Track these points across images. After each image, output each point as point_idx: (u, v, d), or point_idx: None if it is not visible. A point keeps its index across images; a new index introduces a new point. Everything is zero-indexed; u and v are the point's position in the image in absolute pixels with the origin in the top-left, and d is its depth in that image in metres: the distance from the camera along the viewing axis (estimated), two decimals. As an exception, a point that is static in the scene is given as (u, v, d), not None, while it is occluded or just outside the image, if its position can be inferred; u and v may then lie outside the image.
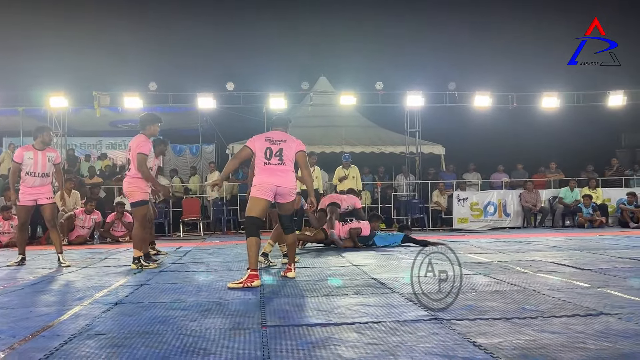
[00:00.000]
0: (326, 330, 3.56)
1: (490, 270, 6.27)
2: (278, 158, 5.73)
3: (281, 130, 6.06)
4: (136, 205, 7.12)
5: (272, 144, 5.80)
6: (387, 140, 17.36)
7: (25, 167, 7.56)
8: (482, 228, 14.33)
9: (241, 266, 7.12)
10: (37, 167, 7.58)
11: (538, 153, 18.52)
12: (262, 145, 5.78)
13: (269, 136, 5.90)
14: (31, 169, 7.56)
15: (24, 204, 7.71)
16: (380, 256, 8.02)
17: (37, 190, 7.64)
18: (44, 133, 7.76)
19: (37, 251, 9.98)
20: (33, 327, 3.82)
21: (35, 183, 7.61)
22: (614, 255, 7.52)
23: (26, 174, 7.58)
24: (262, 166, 5.74)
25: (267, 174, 5.71)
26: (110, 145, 18.90)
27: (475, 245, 9.49)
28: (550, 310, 4.02)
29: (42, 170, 7.62)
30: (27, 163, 7.55)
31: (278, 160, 5.74)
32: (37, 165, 7.58)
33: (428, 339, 3.32)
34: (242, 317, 4.02)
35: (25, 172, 7.57)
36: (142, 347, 3.24)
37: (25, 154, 7.58)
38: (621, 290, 4.81)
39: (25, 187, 7.63)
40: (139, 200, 7.10)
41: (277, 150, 5.76)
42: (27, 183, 7.61)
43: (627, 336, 3.29)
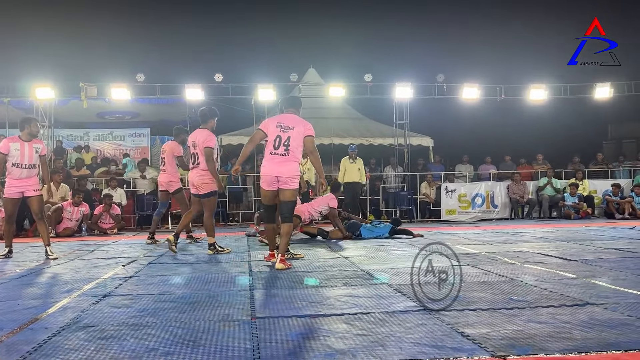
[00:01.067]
0: (315, 322, 3.58)
1: (478, 261, 6.31)
2: (284, 148, 5.97)
3: (292, 112, 6.31)
4: (207, 195, 7.57)
5: (282, 131, 6.02)
6: (376, 132, 17.37)
7: (11, 159, 7.47)
8: (470, 219, 14.41)
9: (230, 258, 7.13)
10: (24, 158, 7.49)
11: (526, 145, 18.61)
12: (273, 131, 6.04)
13: (280, 121, 6.12)
14: (18, 160, 7.48)
15: (11, 196, 7.62)
16: (369, 248, 8.05)
17: (24, 182, 7.56)
18: (31, 124, 7.68)
19: (24, 244, 9.92)
20: (21, 319, 3.80)
21: (22, 175, 7.53)
22: (600, 246, 7.60)
23: (12, 166, 7.49)
24: (268, 155, 6.07)
25: (271, 163, 6.04)
26: (97, 136, 18.72)
27: (463, 237, 9.55)
28: (537, 301, 4.07)
29: (28, 161, 7.54)
30: (13, 154, 7.46)
31: (284, 149, 5.98)
32: (24, 156, 7.49)
33: (417, 329, 3.35)
34: (231, 308, 4.03)
35: (11, 163, 7.48)
36: (132, 339, 3.24)
37: (12, 145, 7.49)
38: (607, 280, 4.87)
39: (12, 179, 7.55)
40: (211, 191, 7.54)
41: (285, 139, 5.99)
42: (14, 175, 7.53)
43: (613, 326, 3.34)
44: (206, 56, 22.61)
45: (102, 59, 20.91)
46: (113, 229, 12.20)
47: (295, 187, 6.11)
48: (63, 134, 17.99)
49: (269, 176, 6.02)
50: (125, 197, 13.59)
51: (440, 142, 17.64)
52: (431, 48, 23.69)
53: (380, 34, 24.98)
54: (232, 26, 25.88)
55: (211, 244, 7.68)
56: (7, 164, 7.52)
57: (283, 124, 6.07)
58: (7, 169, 7.55)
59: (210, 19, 24.97)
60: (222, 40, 24.63)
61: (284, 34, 24.64)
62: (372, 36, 24.94)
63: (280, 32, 24.63)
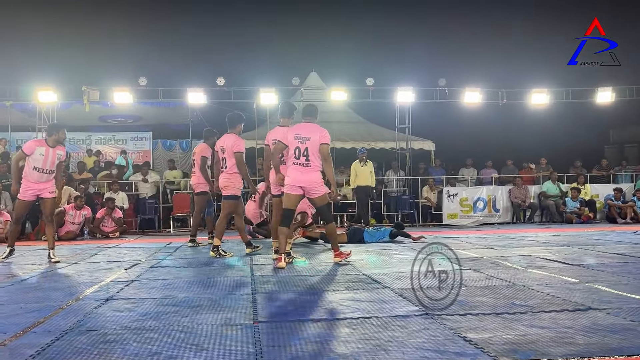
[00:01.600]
0: (318, 326, 3.58)
1: (480, 265, 6.31)
2: (305, 158, 6.38)
3: (309, 120, 6.67)
4: (228, 198, 7.72)
5: (300, 142, 6.42)
6: (378, 136, 17.39)
7: (33, 162, 7.35)
8: (471, 224, 14.40)
9: (232, 261, 7.14)
10: (46, 164, 7.39)
11: (527, 149, 18.61)
12: (292, 142, 6.45)
13: (298, 132, 6.49)
14: (39, 165, 7.36)
15: (25, 199, 7.52)
16: (371, 252, 8.05)
17: (41, 185, 7.46)
18: (60, 131, 7.59)
19: (26, 247, 9.93)
20: (24, 323, 3.80)
21: (41, 179, 7.42)
22: (602, 251, 7.59)
23: (33, 169, 7.37)
24: (291, 165, 6.48)
25: (294, 173, 6.44)
26: (99, 140, 18.75)
27: (465, 241, 9.55)
28: (539, 306, 4.07)
29: (50, 167, 7.44)
30: (36, 158, 7.34)
31: (305, 160, 6.39)
32: (47, 162, 7.39)
33: (419, 334, 3.35)
34: (233, 312, 4.03)
35: (32, 166, 7.36)
36: (134, 342, 3.25)
37: (38, 148, 7.36)
38: (609, 285, 4.86)
39: (29, 181, 7.43)
40: (232, 194, 7.70)
41: (304, 150, 6.39)
42: (32, 178, 7.41)
43: (615, 331, 3.34)
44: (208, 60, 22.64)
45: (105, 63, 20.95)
46: (115, 232, 12.21)
47: (321, 192, 6.51)
48: (65, 137, 18.00)
49: (295, 183, 6.45)
50: (127, 200, 13.60)
51: (441, 146, 17.64)
52: (433, 52, 23.71)
53: (382, 38, 25.00)
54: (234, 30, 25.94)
55: (215, 247, 7.69)
56: (27, 167, 7.40)
57: (300, 135, 6.43)
58: (24, 170, 7.43)
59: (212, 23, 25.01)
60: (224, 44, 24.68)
61: (286, 38, 24.68)
62: (374, 40, 24.96)
63: (282, 36, 24.67)
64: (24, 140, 17.63)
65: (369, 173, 13.27)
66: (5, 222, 11.46)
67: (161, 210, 14.30)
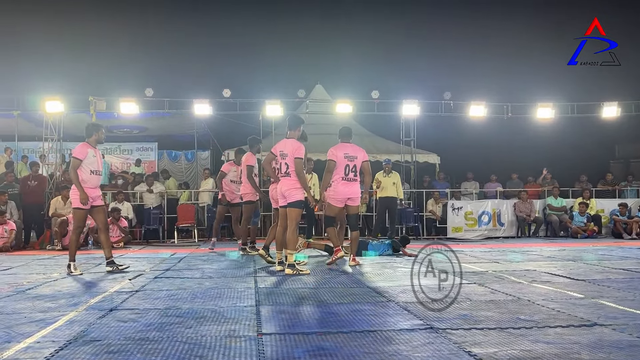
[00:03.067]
0: (322, 339, 3.57)
1: (485, 279, 6.29)
2: (353, 174, 7.71)
3: (351, 141, 7.99)
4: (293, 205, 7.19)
5: (350, 160, 7.67)
6: (383, 148, 17.38)
7: (89, 165, 7.11)
8: (476, 237, 14.35)
9: (235, 273, 7.13)
10: (99, 164, 7.23)
11: (533, 163, 18.57)
12: (342, 161, 7.65)
13: (347, 152, 7.71)
14: (95, 167, 7.15)
15: (86, 207, 7.18)
16: (375, 265, 8.03)
17: (96, 192, 7.27)
18: (99, 131, 7.39)
19: (31, 256, 9.95)
20: (28, 332, 3.81)
21: (98, 183, 7.26)
22: (608, 266, 7.55)
23: (90, 173, 7.12)
24: (340, 180, 7.65)
25: (342, 186, 7.68)
26: (106, 150, 18.82)
27: (469, 255, 9.52)
28: (544, 321, 4.05)
29: (100, 167, 7.29)
30: (91, 161, 7.12)
31: (353, 175, 7.71)
32: (98, 162, 7.24)
33: (423, 348, 3.33)
34: (237, 324, 4.02)
35: (89, 170, 7.12)
36: (138, 353, 3.24)
37: (89, 150, 7.15)
38: (615, 301, 4.84)
39: (88, 188, 7.11)
40: (298, 200, 7.15)
41: (352, 167, 7.67)
42: (91, 183, 7.14)
43: (621, 347, 3.31)
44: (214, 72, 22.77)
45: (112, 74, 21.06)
46: (120, 242, 12.22)
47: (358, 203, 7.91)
48: (71, 147, 18.08)
49: (341, 197, 7.68)
50: (132, 210, 13.63)
51: (446, 160, 17.62)
52: (438, 66, 23.77)
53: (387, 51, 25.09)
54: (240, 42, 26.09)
55: (291, 264, 7.01)
56: (83, 173, 7.10)
57: (349, 154, 7.69)
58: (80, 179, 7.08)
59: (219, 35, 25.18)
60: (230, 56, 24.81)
61: (291, 51, 24.81)
62: (379, 53, 25.06)
63: (288, 49, 24.80)
64: (31, 149, 17.86)
65: (393, 184, 12.70)
66: (11, 231, 11.50)
67: (166, 220, 14.31)
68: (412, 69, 23.91)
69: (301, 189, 7.16)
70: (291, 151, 7.20)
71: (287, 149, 7.22)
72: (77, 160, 7.13)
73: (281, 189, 7.23)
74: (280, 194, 7.29)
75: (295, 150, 7.19)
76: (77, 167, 7.10)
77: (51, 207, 12.54)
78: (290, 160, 7.17)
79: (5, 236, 11.36)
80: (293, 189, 7.13)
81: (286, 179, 7.18)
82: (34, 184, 13.24)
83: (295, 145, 7.22)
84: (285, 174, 7.17)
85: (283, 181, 7.23)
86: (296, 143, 7.27)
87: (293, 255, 7.11)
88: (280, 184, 7.28)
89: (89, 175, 7.16)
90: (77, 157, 7.13)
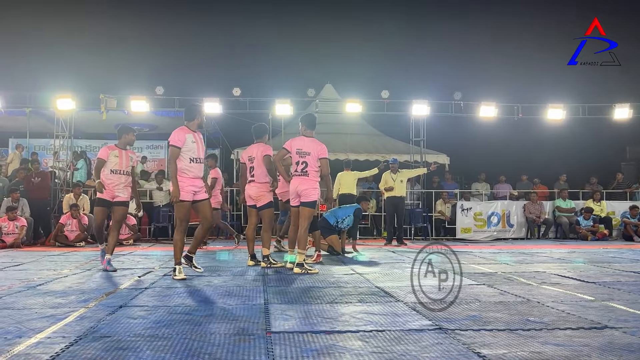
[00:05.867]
0: (330, 338, 3.57)
1: (494, 281, 6.27)
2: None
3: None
4: (308, 205, 7.11)
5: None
6: (392, 148, 17.37)
7: (110, 165, 7.30)
8: (485, 238, 14.31)
9: (244, 271, 7.14)
10: (122, 165, 7.36)
11: (543, 164, 18.51)
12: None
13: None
14: (115, 167, 7.33)
15: (104, 205, 7.42)
16: (384, 264, 8.03)
17: (117, 191, 7.39)
18: (129, 133, 7.56)
19: (41, 252, 10.02)
20: (39, 328, 3.83)
21: (119, 182, 7.36)
22: (618, 269, 7.51)
23: (110, 172, 7.31)
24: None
25: None
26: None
27: (478, 256, 9.49)
28: (554, 323, 4.02)
29: (125, 168, 7.40)
30: (112, 161, 7.31)
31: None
32: (122, 163, 7.37)
33: (432, 348, 3.33)
34: (246, 322, 4.03)
35: (109, 170, 7.30)
36: (148, 350, 3.26)
37: (111, 152, 7.35)
38: (625, 303, 4.80)
39: (107, 186, 7.35)
40: (313, 200, 7.14)
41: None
42: (111, 182, 7.33)
43: (632, 350, 3.29)
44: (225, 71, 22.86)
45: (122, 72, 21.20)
46: (129, 240, 12.28)
47: None
48: (82, 144, 18.24)
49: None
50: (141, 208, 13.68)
51: (456, 160, 17.58)
52: (449, 66, 23.75)
53: (397, 50, 25.08)
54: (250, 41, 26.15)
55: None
56: (105, 172, 7.31)
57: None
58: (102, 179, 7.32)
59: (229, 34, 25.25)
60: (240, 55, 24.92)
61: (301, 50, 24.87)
62: (389, 53, 25.06)
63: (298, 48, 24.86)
64: (42, 146, 17.98)
65: (400, 182, 12.53)
66: (22, 227, 11.59)
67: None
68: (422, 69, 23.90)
69: (317, 190, 7.15)
70: (315, 150, 7.13)
71: (309, 147, 7.14)
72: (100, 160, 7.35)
73: (297, 188, 7.12)
74: (294, 193, 7.18)
75: (319, 150, 7.15)
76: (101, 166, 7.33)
77: (64, 204, 12.64)
78: (311, 159, 7.10)
79: (16, 232, 11.45)
80: (311, 189, 7.07)
81: (304, 178, 7.08)
82: (37, 180, 13.30)
83: (319, 145, 7.18)
84: (302, 173, 7.09)
85: (301, 180, 7.10)
86: (319, 143, 7.23)
87: (303, 255, 7.09)
88: (296, 183, 7.14)
89: (108, 174, 7.32)
90: (100, 157, 7.37)
